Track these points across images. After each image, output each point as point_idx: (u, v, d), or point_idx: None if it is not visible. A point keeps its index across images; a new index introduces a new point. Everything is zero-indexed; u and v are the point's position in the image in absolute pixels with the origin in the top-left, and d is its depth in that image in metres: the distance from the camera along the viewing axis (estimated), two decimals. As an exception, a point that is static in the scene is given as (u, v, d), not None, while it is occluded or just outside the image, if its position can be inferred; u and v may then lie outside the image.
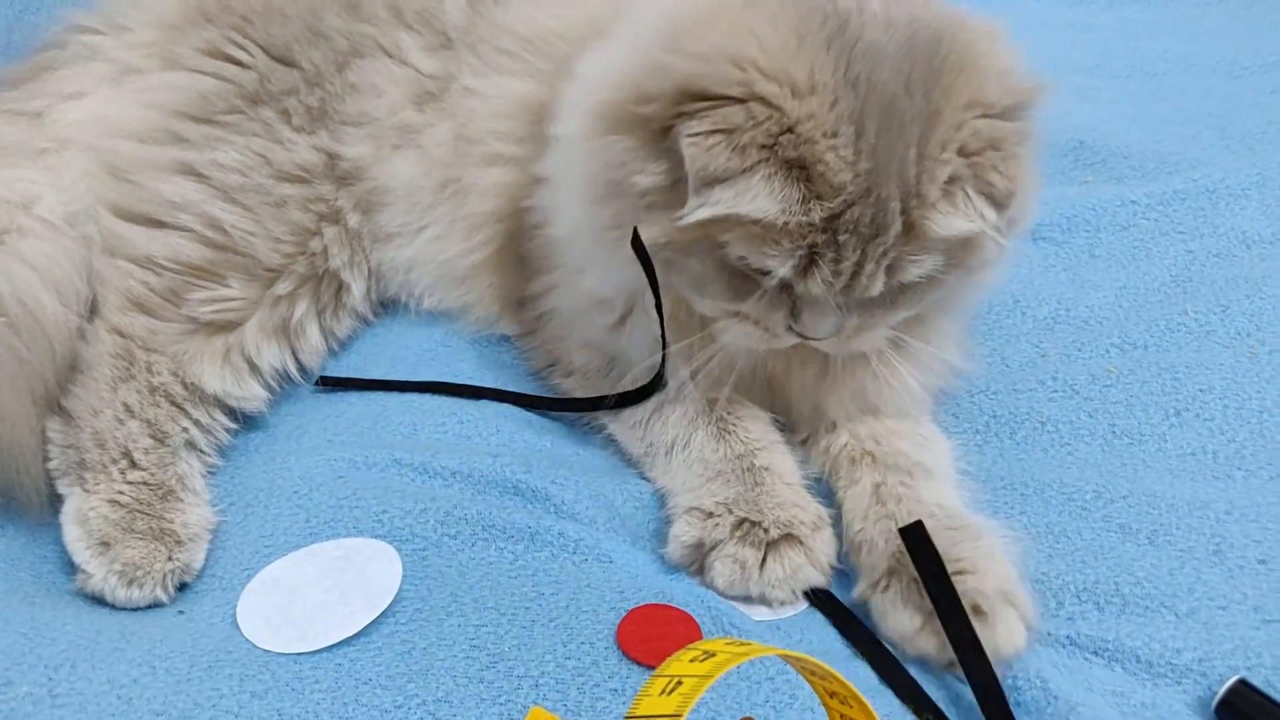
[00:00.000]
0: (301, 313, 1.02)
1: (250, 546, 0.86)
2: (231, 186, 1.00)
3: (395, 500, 0.87)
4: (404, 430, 0.97)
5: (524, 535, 0.85)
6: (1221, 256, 1.18)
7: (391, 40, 1.07)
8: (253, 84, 1.04)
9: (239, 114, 1.03)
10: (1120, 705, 0.74)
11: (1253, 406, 0.97)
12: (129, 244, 0.97)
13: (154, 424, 0.91)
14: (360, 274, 1.08)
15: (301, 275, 1.02)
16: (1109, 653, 0.78)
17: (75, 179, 1.00)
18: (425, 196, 1.06)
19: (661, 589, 0.81)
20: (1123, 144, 1.38)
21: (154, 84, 1.05)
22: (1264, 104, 1.48)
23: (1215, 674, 0.75)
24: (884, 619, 0.80)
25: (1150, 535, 0.86)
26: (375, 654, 0.75)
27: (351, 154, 1.04)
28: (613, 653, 0.76)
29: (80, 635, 0.77)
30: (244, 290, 0.98)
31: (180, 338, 0.95)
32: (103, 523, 0.85)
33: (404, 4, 1.08)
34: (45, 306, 0.91)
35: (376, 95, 1.05)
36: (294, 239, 1.01)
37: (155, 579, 0.82)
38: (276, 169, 1.02)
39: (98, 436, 0.89)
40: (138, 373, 0.92)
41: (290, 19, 1.07)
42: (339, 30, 1.07)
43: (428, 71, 1.06)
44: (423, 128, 1.05)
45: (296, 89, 1.05)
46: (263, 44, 1.06)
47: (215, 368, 0.95)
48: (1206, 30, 1.71)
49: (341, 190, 1.05)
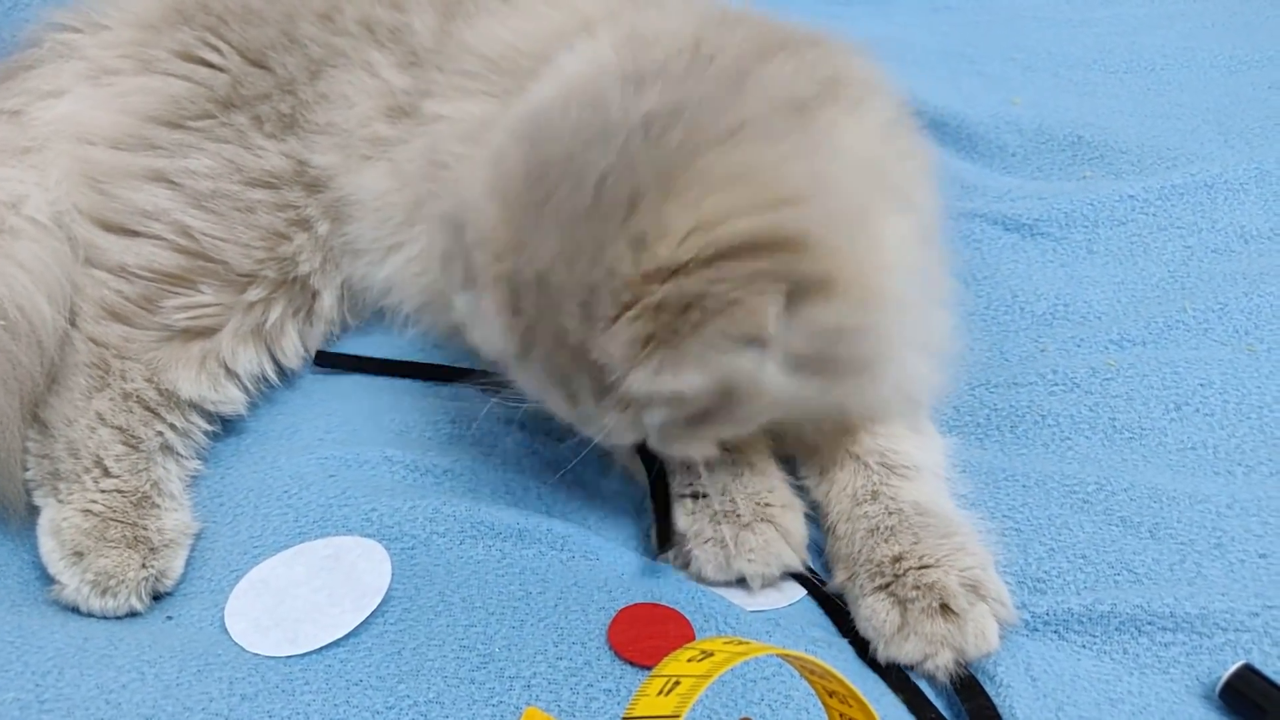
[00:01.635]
0: (277, 316, 1.01)
1: (239, 548, 0.85)
2: (202, 193, 0.99)
3: (385, 499, 0.86)
4: (396, 427, 0.96)
5: (512, 533, 0.84)
6: (1220, 252, 1.18)
7: (363, 56, 1.05)
8: (225, 88, 1.03)
9: (210, 119, 1.02)
10: (1108, 693, 0.74)
11: (1252, 402, 0.97)
12: (104, 253, 0.96)
13: (125, 430, 0.90)
14: (331, 283, 1.06)
15: (273, 280, 1.01)
16: (1099, 644, 0.77)
17: (58, 179, 0.99)
18: (397, 213, 1.03)
19: (650, 587, 0.80)
20: (1121, 139, 1.37)
21: (129, 88, 1.04)
22: (1262, 99, 1.47)
23: (1205, 664, 0.75)
24: (859, 614, 0.80)
25: (1151, 529, 0.85)
26: (365, 655, 0.75)
27: (320, 162, 1.03)
28: (605, 653, 0.75)
29: (68, 642, 0.76)
30: (218, 296, 0.97)
31: (155, 345, 0.94)
32: (75, 532, 0.84)
33: (376, 21, 1.06)
34: (42, 311, 0.90)
35: (347, 106, 1.04)
36: (264, 244, 1.00)
37: (129, 587, 0.81)
38: (246, 175, 1.01)
39: (71, 446, 0.88)
40: (112, 381, 0.91)
41: (267, 23, 1.06)
42: (313, 39, 1.05)
43: (400, 86, 1.04)
44: (395, 141, 1.03)
45: (269, 94, 1.03)
46: (237, 46, 1.05)
47: (191, 374, 0.94)
48: (1204, 25, 1.70)
49: (311, 197, 1.03)
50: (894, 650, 0.76)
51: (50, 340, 0.90)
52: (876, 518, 0.82)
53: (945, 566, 0.78)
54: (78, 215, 0.98)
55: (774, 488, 0.86)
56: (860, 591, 0.80)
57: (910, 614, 0.76)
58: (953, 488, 0.89)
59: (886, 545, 0.80)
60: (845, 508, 0.85)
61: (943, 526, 0.82)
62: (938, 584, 0.77)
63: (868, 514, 0.83)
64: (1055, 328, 1.10)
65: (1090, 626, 0.78)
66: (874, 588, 0.79)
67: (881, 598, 0.78)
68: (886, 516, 0.82)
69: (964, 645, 0.75)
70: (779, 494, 0.86)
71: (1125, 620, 0.78)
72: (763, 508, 0.84)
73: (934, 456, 0.91)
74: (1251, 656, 0.74)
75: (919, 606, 0.76)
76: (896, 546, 0.80)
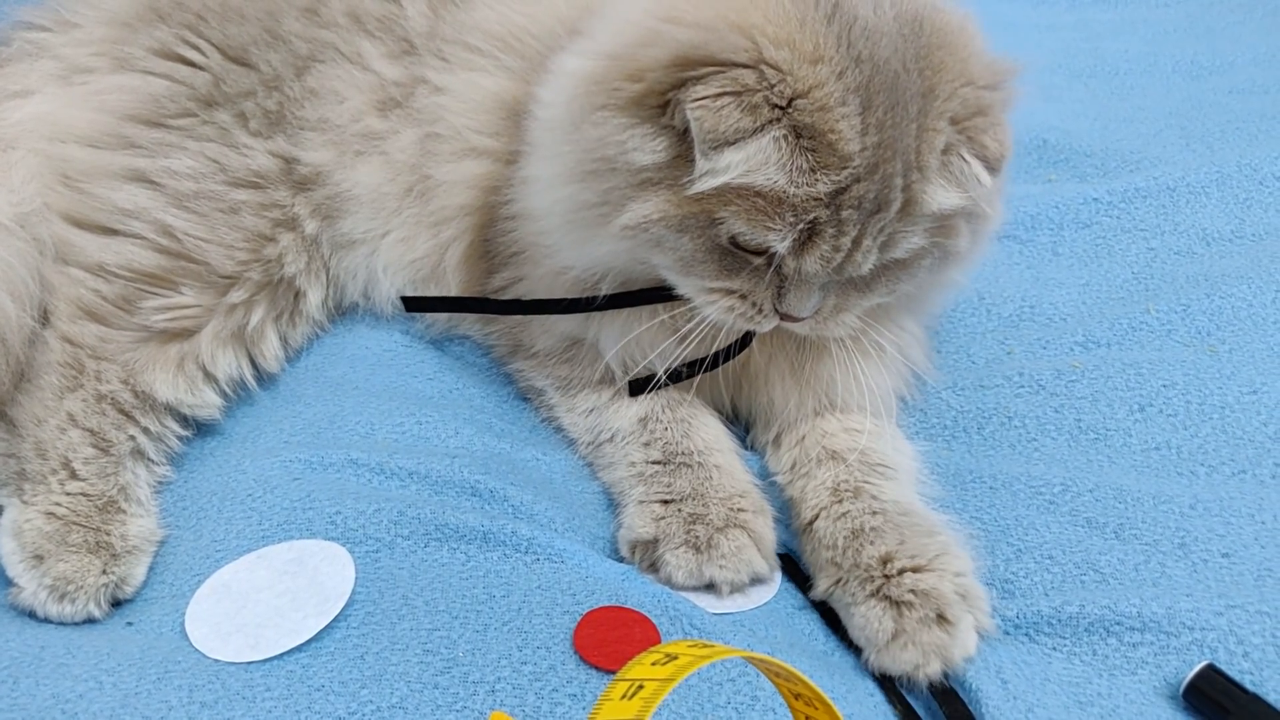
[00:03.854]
0: (258, 319, 0.99)
1: (201, 552, 0.84)
2: (184, 193, 0.97)
3: (350, 502, 0.85)
4: (361, 430, 0.95)
5: (476, 536, 0.84)
6: (1182, 254, 1.19)
7: (352, 47, 1.04)
8: (206, 86, 1.01)
9: (191, 117, 1.01)
10: (1077, 695, 0.74)
11: (1214, 402, 0.98)
12: (80, 251, 0.95)
13: (97, 432, 0.88)
14: (318, 281, 1.05)
15: (257, 282, 0.99)
16: (1068, 646, 0.78)
17: (24, 180, 0.97)
18: (390, 202, 1.03)
19: (616, 590, 0.80)
20: (1085, 142, 1.39)
21: (104, 86, 1.02)
22: (1223, 103, 1.49)
23: (1173, 665, 0.75)
24: (851, 622, 0.79)
25: (1116, 529, 0.86)
26: (327, 660, 0.74)
27: (311, 159, 1.02)
28: (570, 657, 0.74)
29: (24, 651, 0.75)
30: (198, 298, 0.96)
31: (132, 346, 0.93)
32: (37, 535, 0.82)
33: (364, 11, 1.05)
34: (8, 310, 0.88)
35: (338, 101, 1.02)
36: (248, 245, 0.98)
37: (88, 594, 0.80)
38: (230, 175, 0.99)
39: (39, 446, 0.86)
40: (86, 381, 0.90)
41: (248, 20, 1.04)
42: (298, 34, 1.04)
43: (391, 78, 1.03)
44: (387, 134, 1.03)
45: (254, 92, 1.02)
46: (218, 44, 1.03)
47: (168, 376, 0.93)
48: (1166, 31, 1.73)
49: (299, 196, 1.02)
50: (888, 660, 0.76)
51: (14, 337, 0.88)
52: (860, 517, 0.82)
53: (939, 571, 0.78)
54: (49, 214, 0.96)
55: (746, 491, 0.86)
56: (852, 599, 0.79)
57: (907, 622, 0.76)
58: (922, 489, 0.89)
59: (873, 546, 0.80)
60: (824, 502, 0.85)
61: (926, 525, 0.82)
62: (934, 591, 0.76)
63: (850, 513, 0.83)
64: (1022, 330, 1.11)
65: (1060, 629, 0.79)
66: (866, 594, 0.78)
67: (874, 605, 0.77)
68: (870, 516, 0.82)
69: (952, 654, 0.75)
70: (750, 498, 0.86)
71: (1094, 621, 0.78)
72: (735, 513, 0.84)
73: (908, 459, 0.91)
74: (1217, 655, 0.75)
75: (916, 616, 0.76)
76: (883, 547, 0.79)
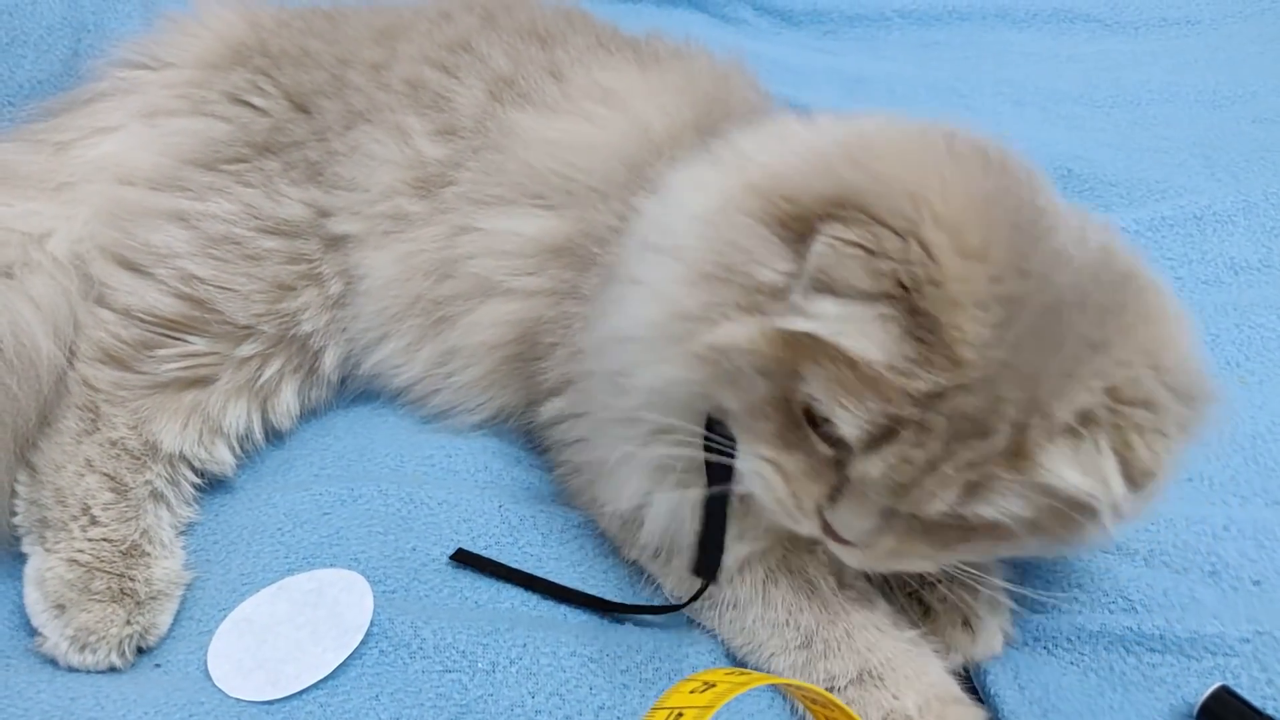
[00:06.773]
0: (272, 373, 0.97)
1: (229, 586, 0.84)
2: (214, 237, 0.96)
3: (377, 537, 0.86)
4: (390, 463, 0.95)
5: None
6: (1210, 283, 1.18)
7: (399, 117, 1.00)
8: (264, 132, 1.01)
9: (243, 163, 1.00)
10: (1090, 705, 0.75)
11: (1245, 432, 0.96)
12: (114, 293, 0.95)
13: (114, 477, 0.87)
14: (336, 343, 1.01)
15: (271, 336, 0.96)
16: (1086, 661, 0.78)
17: (87, 218, 0.98)
18: (394, 305, 0.98)
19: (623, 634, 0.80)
20: (1109, 172, 1.38)
21: (174, 128, 1.03)
22: (1246, 132, 1.48)
23: (1192, 686, 0.75)
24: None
25: (1147, 556, 0.85)
26: (343, 700, 0.74)
27: (340, 230, 0.99)
28: (587, 707, 0.74)
29: (54, 702, 0.74)
30: (210, 347, 0.94)
31: (145, 393, 0.92)
32: (59, 584, 0.81)
33: (423, 82, 1.01)
34: (41, 348, 0.88)
35: (371, 165, 0.99)
36: (265, 297, 0.96)
37: (109, 644, 0.79)
38: (261, 221, 0.98)
39: (59, 493, 0.86)
40: (101, 425, 0.90)
41: (320, 66, 1.03)
42: (359, 88, 1.02)
43: (433, 156, 0.98)
44: (416, 221, 0.97)
45: (304, 141, 1.01)
46: (286, 89, 1.03)
47: (176, 427, 0.91)
48: (1187, 61, 1.72)
49: (328, 254, 0.99)
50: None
51: (47, 378, 0.89)
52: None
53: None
54: (97, 253, 0.96)
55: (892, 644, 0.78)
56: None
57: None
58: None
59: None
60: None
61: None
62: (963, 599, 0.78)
63: None
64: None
65: (1079, 645, 0.79)
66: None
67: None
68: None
69: (973, 651, 0.78)
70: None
71: (1114, 640, 0.78)
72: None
73: None
74: (1239, 681, 0.74)
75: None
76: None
